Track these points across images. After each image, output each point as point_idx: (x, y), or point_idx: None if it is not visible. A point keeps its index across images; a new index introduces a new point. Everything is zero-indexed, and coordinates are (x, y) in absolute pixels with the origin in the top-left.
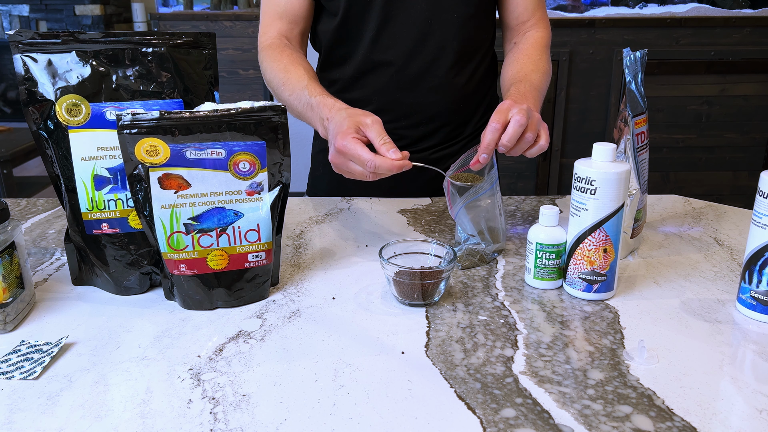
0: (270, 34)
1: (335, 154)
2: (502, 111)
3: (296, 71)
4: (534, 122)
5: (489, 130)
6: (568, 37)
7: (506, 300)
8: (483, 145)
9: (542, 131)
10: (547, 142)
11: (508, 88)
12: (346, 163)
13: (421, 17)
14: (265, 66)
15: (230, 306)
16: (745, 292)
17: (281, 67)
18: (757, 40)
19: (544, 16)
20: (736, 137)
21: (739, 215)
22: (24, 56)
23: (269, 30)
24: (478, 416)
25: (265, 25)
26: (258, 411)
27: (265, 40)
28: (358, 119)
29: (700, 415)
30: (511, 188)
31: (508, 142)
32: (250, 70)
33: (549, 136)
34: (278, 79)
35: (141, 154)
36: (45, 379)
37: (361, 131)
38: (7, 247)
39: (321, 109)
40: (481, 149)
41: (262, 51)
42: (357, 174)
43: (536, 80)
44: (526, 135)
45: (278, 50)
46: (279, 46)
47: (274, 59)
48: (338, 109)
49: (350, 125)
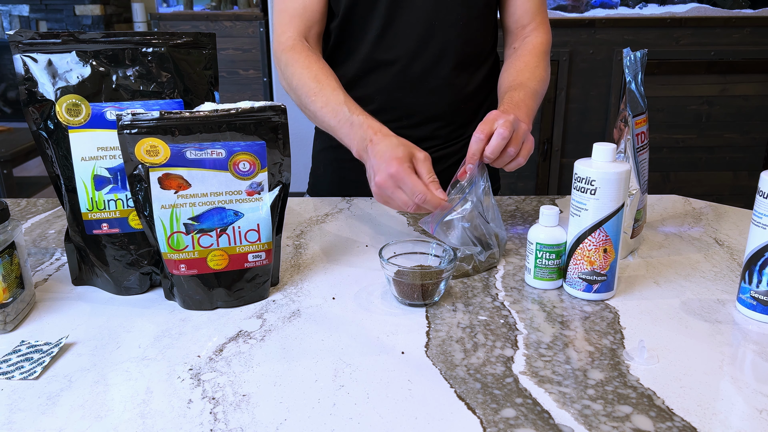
0: (289, 34)
1: (387, 177)
2: (488, 121)
3: (329, 83)
4: (519, 135)
5: (474, 140)
6: (568, 37)
7: (506, 300)
8: (468, 154)
9: (524, 148)
10: (526, 159)
11: (503, 95)
12: (394, 189)
13: (424, 18)
14: (291, 71)
15: (230, 306)
16: (745, 292)
17: (312, 76)
18: (757, 40)
19: (545, 20)
20: (736, 137)
21: (739, 215)
22: (24, 56)
23: (287, 30)
24: (478, 416)
25: (283, 25)
26: (258, 411)
27: (285, 40)
28: (412, 151)
29: (700, 415)
30: (511, 188)
31: (491, 154)
32: (250, 70)
33: (532, 149)
34: (308, 88)
35: (141, 154)
36: (45, 379)
37: (412, 162)
38: (7, 247)
39: (365, 130)
40: (467, 159)
41: (284, 53)
42: (400, 201)
43: (532, 88)
44: (508, 149)
45: (304, 55)
46: (303, 49)
47: (303, 65)
48: (386, 134)
49: (405, 154)
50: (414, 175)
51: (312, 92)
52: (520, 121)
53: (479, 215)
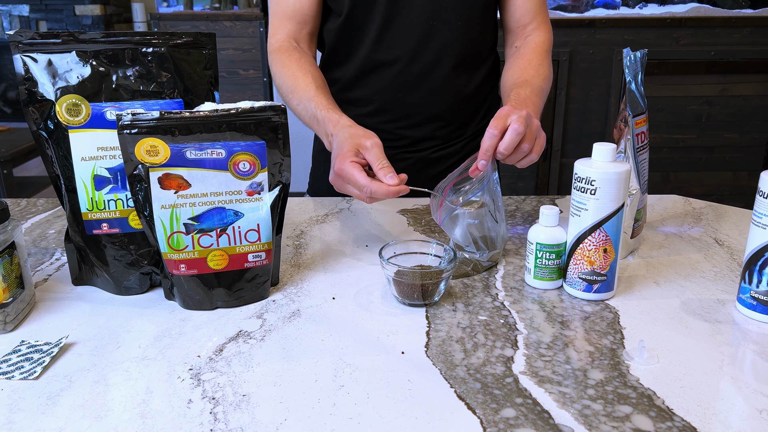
0: (279, 36)
1: (335, 177)
2: (501, 117)
3: (304, 79)
4: (532, 131)
5: (487, 136)
6: (568, 37)
7: (506, 300)
8: (481, 151)
9: (537, 144)
10: (539, 155)
11: (508, 92)
12: (344, 186)
13: (423, 18)
14: (274, 71)
15: (230, 306)
16: (745, 292)
17: (289, 74)
18: (757, 40)
19: (546, 19)
20: (736, 137)
21: (739, 215)
22: (24, 56)
23: (278, 32)
24: (478, 416)
25: (275, 27)
26: (258, 411)
27: (274, 42)
28: (359, 141)
29: (700, 415)
30: (511, 188)
31: (505, 150)
32: (250, 70)
33: (544, 145)
34: (286, 87)
35: (141, 154)
36: (45, 379)
37: (360, 154)
38: (7, 247)
39: (326, 125)
40: (480, 155)
41: (271, 54)
42: (355, 196)
43: (537, 85)
44: (522, 145)
45: (287, 54)
46: (288, 49)
47: (283, 64)
48: (342, 127)
49: (350, 148)
50: (357, 169)
51: (289, 90)
52: (533, 117)
53: (489, 213)
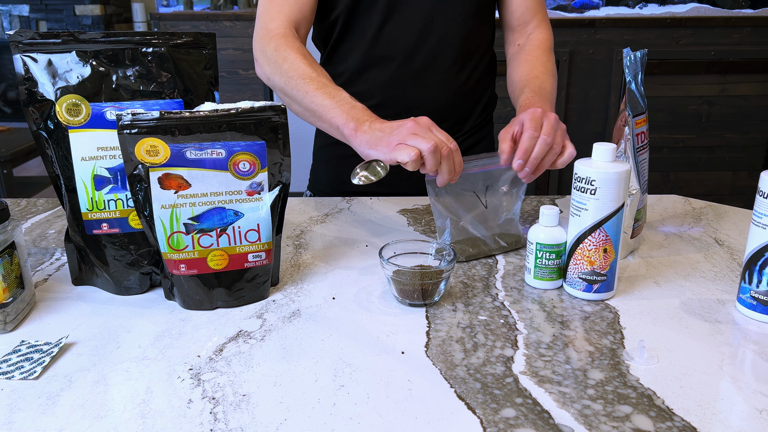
0: (279, 22)
1: (425, 120)
2: (536, 118)
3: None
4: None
5: (526, 137)
6: (568, 37)
7: (506, 300)
8: (521, 150)
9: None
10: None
11: (522, 89)
12: (431, 127)
13: (423, 14)
14: (284, 55)
15: (230, 306)
16: (745, 292)
17: (308, 63)
18: (757, 40)
19: (546, 17)
20: (736, 137)
21: (739, 215)
22: (24, 56)
23: (277, 18)
24: (478, 416)
25: (272, 12)
26: (258, 411)
27: (274, 27)
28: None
29: (700, 415)
30: None
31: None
32: (250, 70)
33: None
34: (303, 71)
35: (141, 154)
36: (45, 379)
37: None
38: (7, 247)
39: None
40: (519, 155)
41: (274, 39)
42: (437, 139)
43: (548, 84)
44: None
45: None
46: (297, 40)
47: (299, 52)
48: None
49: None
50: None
51: (308, 75)
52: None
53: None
